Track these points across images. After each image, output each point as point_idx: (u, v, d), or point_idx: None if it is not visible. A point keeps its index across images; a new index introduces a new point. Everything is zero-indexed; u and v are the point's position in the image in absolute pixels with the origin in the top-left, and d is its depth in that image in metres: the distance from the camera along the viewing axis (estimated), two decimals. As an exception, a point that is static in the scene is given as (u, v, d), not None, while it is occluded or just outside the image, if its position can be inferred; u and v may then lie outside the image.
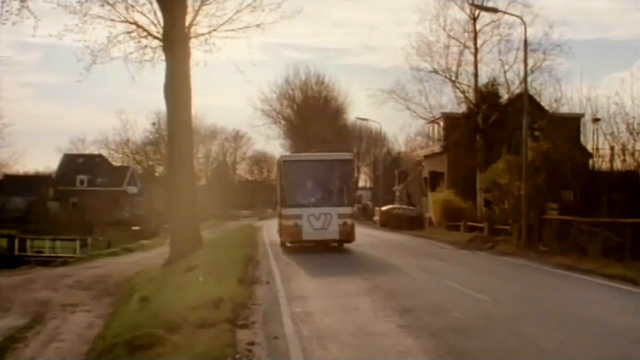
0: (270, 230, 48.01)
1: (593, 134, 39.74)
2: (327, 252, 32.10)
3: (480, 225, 43.41)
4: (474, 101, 49.42)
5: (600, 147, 37.26)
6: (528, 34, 36.26)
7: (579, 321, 14.87)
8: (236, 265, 24.07)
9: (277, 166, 39.60)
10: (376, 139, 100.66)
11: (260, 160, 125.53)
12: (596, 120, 39.84)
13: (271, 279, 21.73)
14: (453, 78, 51.00)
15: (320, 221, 31.89)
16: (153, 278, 26.01)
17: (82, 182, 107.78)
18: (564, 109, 39.37)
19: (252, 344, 12.55)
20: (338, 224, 32.00)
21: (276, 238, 39.31)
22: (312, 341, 12.78)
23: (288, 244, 34.14)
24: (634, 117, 38.24)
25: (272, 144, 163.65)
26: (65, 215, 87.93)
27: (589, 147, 40.28)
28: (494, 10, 44.32)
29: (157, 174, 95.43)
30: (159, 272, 28.50)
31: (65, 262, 42.87)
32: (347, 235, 32.77)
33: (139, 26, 33.64)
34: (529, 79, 38.75)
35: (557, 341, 12.68)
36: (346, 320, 14.75)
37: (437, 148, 58.22)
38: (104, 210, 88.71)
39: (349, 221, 32.63)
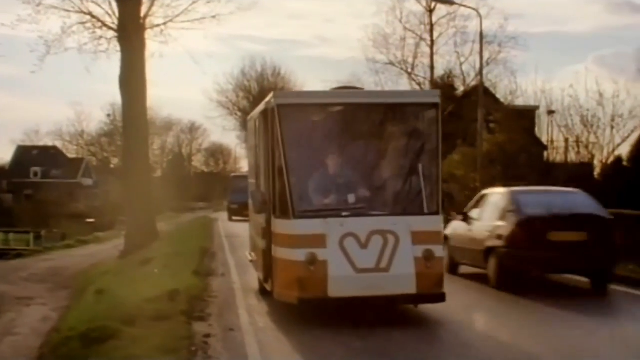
0: (226, 222, 47.97)
1: (548, 126, 40.18)
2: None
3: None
4: (430, 93, 49.02)
5: (555, 139, 37.72)
6: (484, 27, 36.54)
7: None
8: (192, 257, 23.97)
9: (257, 125, 16.15)
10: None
11: (216, 152, 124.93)
12: (551, 112, 40.24)
13: (227, 271, 21.67)
14: (409, 70, 51.23)
15: (370, 251, 12.88)
16: (109, 271, 25.82)
17: (36, 174, 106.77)
18: (519, 102, 39.76)
19: (208, 336, 12.52)
20: (413, 257, 12.96)
21: (234, 229, 38.84)
22: (268, 333, 12.82)
23: (285, 300, 13.45)
24: (588, 110, 38.69)
25: (229, 135, 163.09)
26: (19, 207, 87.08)
27: (544, 140, 40.74)
28: (450, 2, 44.48)
29: (112, 166, 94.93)
30: (114, 264, 28.32)
31: (19, 255, 42.52)
32: (432, 282, 13.21)
33: (93, 17, 33.35)
34: (485, 71, 39.18)
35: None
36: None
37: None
38: (58, 202, 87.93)
39: (435, 250, 13.16)
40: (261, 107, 14.92)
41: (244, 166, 67.36)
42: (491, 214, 17.92)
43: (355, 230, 12.75)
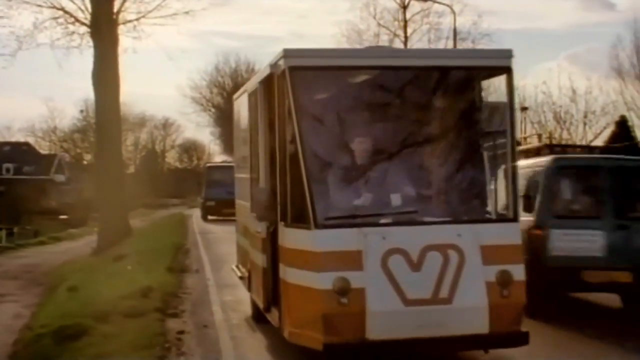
0: (200, 219, 47.80)
1: (521, 122, 40.36)
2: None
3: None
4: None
5: (528, 135, 37.85)
6: (457, 23, 36.78)
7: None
8: (165, 253, 23.93)
9: (254, 100, 12.16)
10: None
11: (190, 149, 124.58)
12: (524, 109, 40.49)
13: (201, 268, 21.64)
14: (383, 66, 51.14)
15: (425, 275, 9.14)
16: (82, 267, 25.72)
17: (8, 170, 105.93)
18: (492, 98, 39.89)
19: (181, 332, 12.52)
20: (484, 282, 9.25)
21: (208, 226, 38.83)
22: (242, 329, 12.82)
23: (303, 343, 9.53)
24: (560, 107, 38.96)
25: (202, 131, 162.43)
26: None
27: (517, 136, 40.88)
28: (423, -2, 44.55)
29: (85, 162, 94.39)
30: (87, 261, 28.21)
31: (-9, 252, 42.17)
32: (510, 317, 9.44)
33: (66, 12, 33.24)
34: (458, 67, 39.11)
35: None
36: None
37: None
38: (31, 198, 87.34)
39: (513, 271, 9.45)
40: (262, 73, 11.21)
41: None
42: None
43: (403, 244, 9.09)
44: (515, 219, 9.75)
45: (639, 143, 40.25)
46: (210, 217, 43.79)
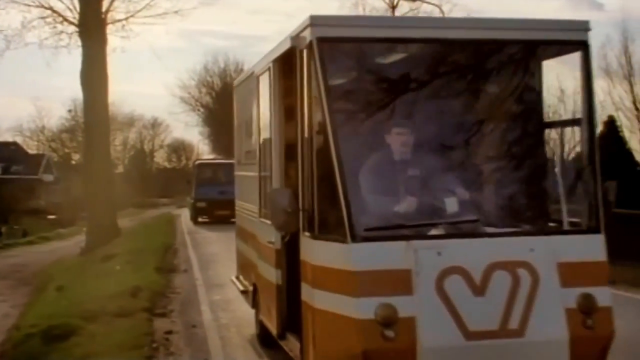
0: (188, 218, 47.59)
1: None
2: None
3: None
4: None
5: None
6: (446, 23, 36.55)
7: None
8: (154, 253, 23.92)
9: (267, 81, 10.10)
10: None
11: (178, 148, 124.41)
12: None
13: (189, 267, 21.63)
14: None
15: (490, 300, 7.09)
16: (70, 267, 25.71)
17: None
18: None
19: (170, 332, 12.52)
20: (563, 309, 7.22)
21: (197, 226, 38.71)
22: (231, 329, 12.82)
23: None
24: (549, 106, 38.93)
25: (191, 131, 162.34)
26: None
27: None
28: (412, -2, 44.43)
29: (73, 162, 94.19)
30: (76, 261, 28.17)
31: (-21, 252, 42.07)
32: (595, 352, 7.40)
33: (54, 11, 33.22)
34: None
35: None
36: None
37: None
38: (19, 198, 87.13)
39: (597, 295, 7.36)
40: (277, 50, 9.43)
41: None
42: None
43: (463, 261, 7.14)
44: (597, 229, 7.76)
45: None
46: (201, 219, 40.85)
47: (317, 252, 7.60)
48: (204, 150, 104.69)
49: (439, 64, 8.39)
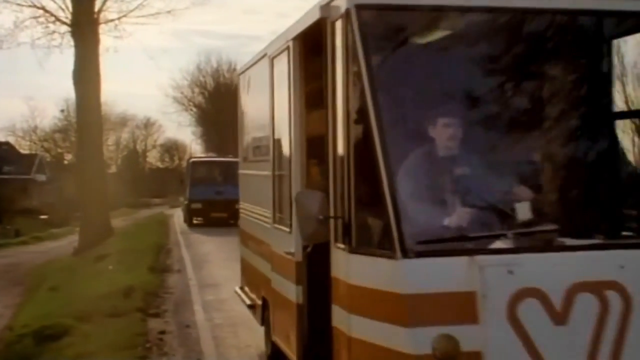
0: (181, 218, 47.49)
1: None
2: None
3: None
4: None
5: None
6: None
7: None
8: (147, 253, 23.89)
9: (286, 62, 8.24)
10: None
11: (171, 148, 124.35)
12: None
13: (182, 267, 21.60)
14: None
15: (574, 329, 5.43)
16: (63, 267, 25.67)
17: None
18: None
19: (163, 332, 12.51)
20: None
21: (189, 228, 38.38)
22: (224, 329, 12.81)
23: None
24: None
25: (184, 131, 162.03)
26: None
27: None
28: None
29: (66, 162, 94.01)
30: (68, 261, 28.14)
31: (-29, 252, 41.99)
32: None
33: (46, 11, 33.17)
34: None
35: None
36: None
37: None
38: (11, 198, 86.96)
39: None
40: (300, 24, 7.99)
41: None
42: None
43: (540, 282, 5.51)
44: None
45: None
46: (196, 221, 38.14)
47: (354, 268, 6.09)
48: (196, 150, 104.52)
49: (502, 40, 6.69)
